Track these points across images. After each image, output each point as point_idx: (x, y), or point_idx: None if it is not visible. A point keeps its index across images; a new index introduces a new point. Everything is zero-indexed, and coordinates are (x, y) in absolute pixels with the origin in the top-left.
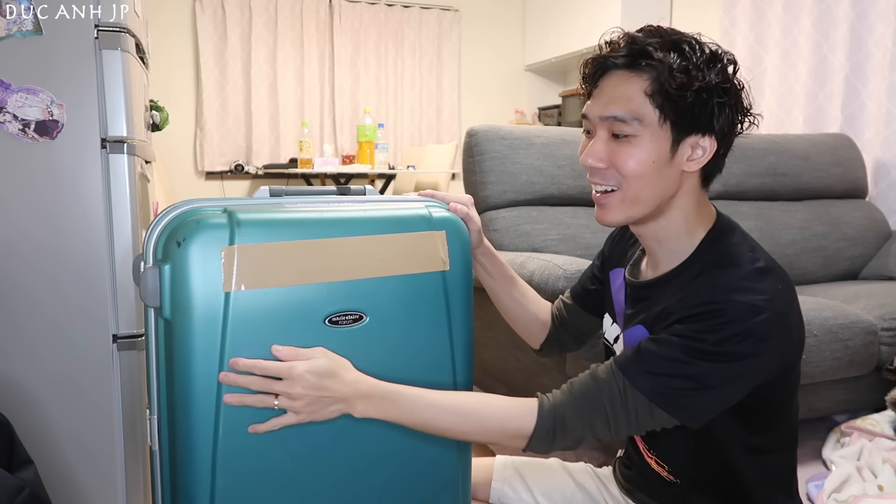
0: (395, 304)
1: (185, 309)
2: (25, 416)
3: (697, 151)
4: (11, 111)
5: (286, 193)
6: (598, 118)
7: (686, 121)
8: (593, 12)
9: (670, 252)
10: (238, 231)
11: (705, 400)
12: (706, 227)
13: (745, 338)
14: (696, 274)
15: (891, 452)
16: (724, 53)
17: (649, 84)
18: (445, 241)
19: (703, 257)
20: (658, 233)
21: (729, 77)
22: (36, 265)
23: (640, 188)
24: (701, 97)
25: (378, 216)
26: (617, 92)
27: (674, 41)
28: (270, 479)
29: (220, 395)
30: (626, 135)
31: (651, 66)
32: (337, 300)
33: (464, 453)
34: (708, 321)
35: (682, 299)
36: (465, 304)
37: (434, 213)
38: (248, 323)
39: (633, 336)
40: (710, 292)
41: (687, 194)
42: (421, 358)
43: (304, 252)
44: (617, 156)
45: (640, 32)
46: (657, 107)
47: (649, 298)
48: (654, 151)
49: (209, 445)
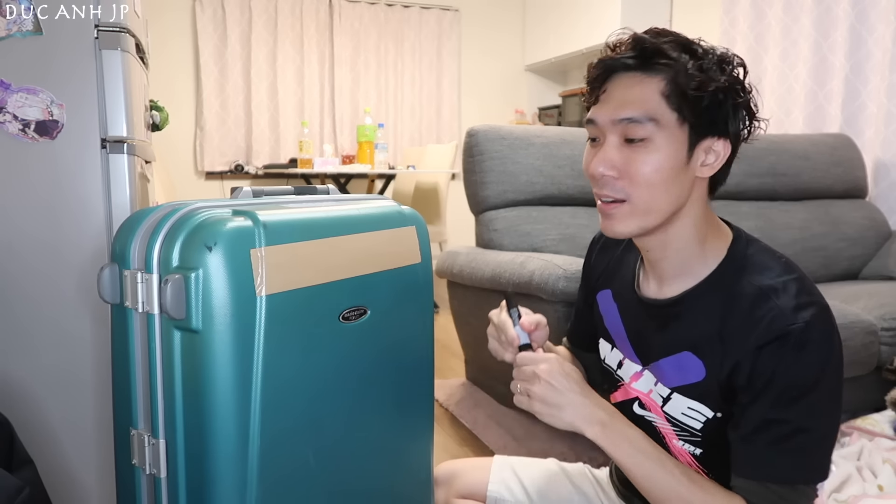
0: (389, 297)
1: (222, 317)
2: (25, 415)
3: (710, 156)
4: (11, 111)
5: (265, 193)
6: (608, 122)
7: (703, 123)
8: (594, 12)
9: (679, 264)
10: (264, 233)
11: (834, 442)
12: (719, 236)
13: (829, 360)
14: (735, 289)
15: (891, 452)
16: (734, 56)
17: (665, 84)
18: (416, 235)
19: (734, 269)
20: (667, 244)
21: (740, 79)
22: (36, 265)
23: (652, 197)
24: (717, 98)
25: (372, 213)
26: (631, 93)
27: (685, 42)
28: (298, 485)
29: (257, 408)
30: (641, 139)
31: (666, 65)
32: (347, 297)
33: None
34: (789, 356)
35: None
36: (430, 293)
37: (403, 209)
38: (278, 327)
39: (681, 365)
40: (776, 318)
41: (696, 202)
42: (410, 345)
43: (321, 251)
44: (631, 163)
45: (646, 34)
46: (674, 108)
47: (682, 316)
48: (672, 157)
49: (243, 461)
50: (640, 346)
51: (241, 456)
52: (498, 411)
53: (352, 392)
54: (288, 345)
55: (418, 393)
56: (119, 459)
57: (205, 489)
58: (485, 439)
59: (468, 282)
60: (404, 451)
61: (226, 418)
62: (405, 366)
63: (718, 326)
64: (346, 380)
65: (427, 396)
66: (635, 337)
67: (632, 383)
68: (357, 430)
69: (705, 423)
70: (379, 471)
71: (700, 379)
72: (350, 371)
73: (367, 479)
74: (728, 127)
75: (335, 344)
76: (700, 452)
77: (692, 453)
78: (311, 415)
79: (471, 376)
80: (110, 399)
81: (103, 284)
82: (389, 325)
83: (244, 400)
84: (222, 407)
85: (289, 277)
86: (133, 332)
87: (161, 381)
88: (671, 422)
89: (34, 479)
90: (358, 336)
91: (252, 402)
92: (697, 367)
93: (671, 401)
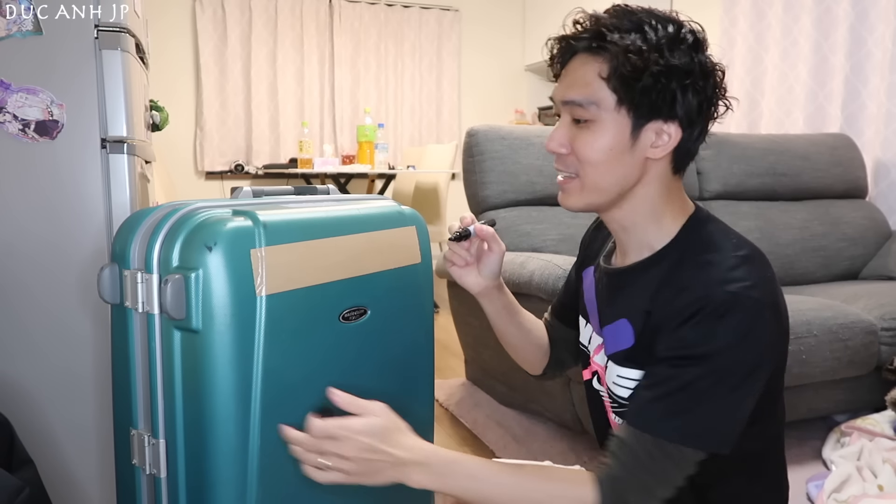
0: (388, 297)
1: (222, 317)
2: (26, 415)
3: (663, 137)
4: (11, 111)
5: (265, 193)
6: (559, 102)
7: (644, 106)
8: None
9: (638, 240)
10: (264, 233)
11: (730, 417)
12: (678, 215)
13: (746, 334)
14: (676, 262)
15: (891, 452)
16: (692, 32)
17: (605, 67)
18: (416, 235)
19: (681, 245)
20: (623, 220)
21: (695, 58)
22: (36, 265)
23: (598, 175)
24: (660, 81)
25: (371, 213)
26: (577, 75)
27: (636, 21)
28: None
29: (257, 408)
30: (585, 120)
31: (606, 48)
32: (347, 297)
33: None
34: (704, 324)
35: (669, 299)
36: (430, 293)
37: (403, 209)
38: (277, 327)
39: (617, 332)
40: (700, 287)
41: (653, 181)
42: (410, 345)
43: (320, 251)
44: (576, 141)
45: (606, 13)
46: (613, 90)
47: (625, 286)
48: (613, 138)
49: (243, 461)
50: (601, 317)
51: (241, 456)
52: (498, 411)
53: (352, 392)
54: (288, 345)
55: (418, 393)
56: (119, 459)
57: (205, 489)
58: (485, 439)
59: None
60: None
61: (226, 418)
62: (405, 366)
63: (652, 294)
64: (346, 380)
65: (427, 396)
66: (599, 308)
67: (594, 356)
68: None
69: (633, 392)
70: None
71: (629, 346)
72: (350, 371)
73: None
74: (676, 110)
75: (335, 344)
76: None
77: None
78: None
79: (471, 376)
80: (110, 399)
81: (103, 284)
82: (389, 325)
83: (244, 400)
84: (222, 407)
85: (289, 277)
86: (133, 332)
87: (161, 381)
88: (608, 393)
89: (34, 479)
90: (358, 336)
91: (252, 402)
92: (628, 333)
93: (608, 369)
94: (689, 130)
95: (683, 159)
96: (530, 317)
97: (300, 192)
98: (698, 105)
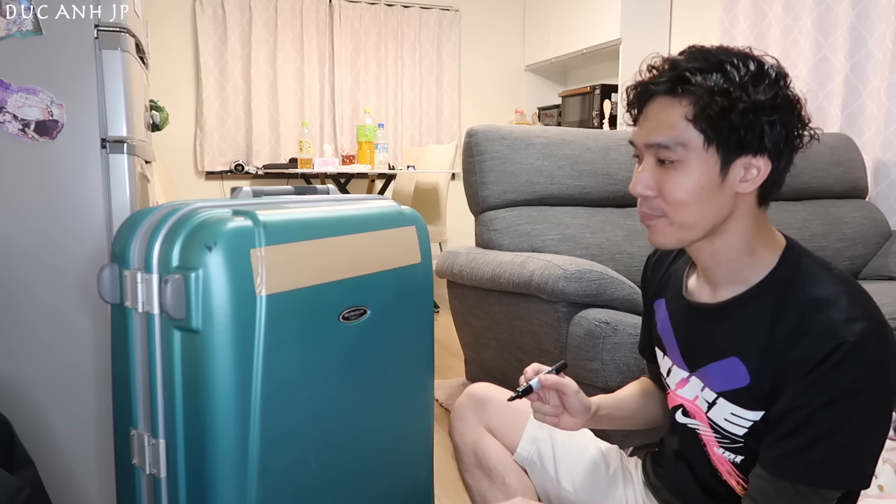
0: (389, 297)
1: (222, 317)
2: (26, 415)
3: (752, 171)
4: (11, 111)
5: (265, 193)
6: (642, 145)
7: (733, 143)
8: (593, 13)
9: (730, 273)
10: (264, 233)
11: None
12: (771, 246)
13: (880, 372)
14: (783, 298)
15: (891, 452)
16: (773, 67)
17: (690, 109)
18: (416, 235)
19: (783, 279)
20: (716, 254)
21: (779, 92)
22: (36, 265)
23: (688, 215)
24: (747, 118)
25: (371, 213)
26: (659, 118)
27: (717, 62)
28: (298, 485)
29: (257, 408)
30: (672, 161)
31: (689, 90)
32: (347, 297)
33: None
34: (838, 368)
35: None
36: (430, 293)
37: (403, 209)
38: (277, 327)
39: (727, 370)
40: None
41: (744, 215)
42: (410, 345)
43: (321, 251)
44: (664, 184)
45: (682, 55)
46: (701, 131)
47: (727, 322)
48: (703, 177)
49: (243, 461)
50: (687, 352)
51: (241, 456)
52: None
53: (351, 392)
54: (288, 345)
55: (418, 393)
56: (119, 459)
57: (205, 489)
58: None
59: (468, 282)
60: (404, 451)
61: (226, 418)
62: (405, 366)
63: (766, 335)
64: (345, 379)
65: (427, 396)
66: (683, 342)
67: (677, 390)
68: (357, 429)
69: (749, 429)
70: (379, 470)
71: (744, 385)
72: (350, 371)
73: (366, 478)
74: (765, 143)
75: (335, 344)
76: (741, 460)
77: (732, 461)
78: (311, 415)
79: (471, 376)
80: (110, 399)
81: (103, 284)
82: (389, 325)
83: (244, 400)
84: (222, 407)
85: (289, 277)
86: (133, 332)
87: (161, 381)
88: (714, 428)
89: (34, 479)
90: (358, 336)
91: (252, 402)
92: (742, 372)
93: (716, 406)
94: (778, 162)
95: (770, 190)
96: (633, 390)
97: (300, 192)
98: (786, 137)
